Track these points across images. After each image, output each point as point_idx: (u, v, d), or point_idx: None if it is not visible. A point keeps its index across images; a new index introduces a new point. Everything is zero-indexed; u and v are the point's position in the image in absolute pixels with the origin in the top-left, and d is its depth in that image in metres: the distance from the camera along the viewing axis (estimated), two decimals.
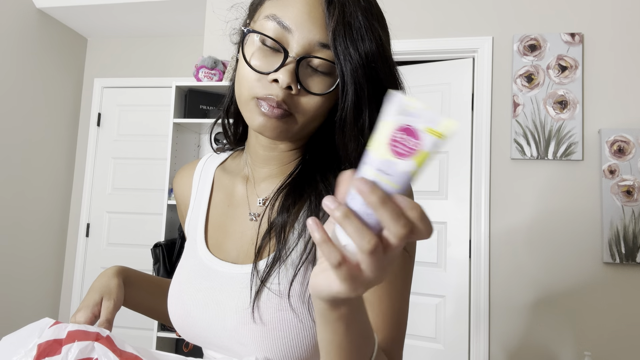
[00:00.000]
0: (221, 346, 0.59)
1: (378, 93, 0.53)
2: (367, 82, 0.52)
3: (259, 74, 0.54)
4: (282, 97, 0.53)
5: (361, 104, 0.53)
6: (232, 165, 0.71)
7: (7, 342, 0.49)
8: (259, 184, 0.65)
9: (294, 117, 0.55)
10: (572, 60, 2.38)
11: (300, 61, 0.52)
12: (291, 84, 0.52)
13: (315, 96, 0.54)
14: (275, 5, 0.54)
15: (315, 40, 0.52)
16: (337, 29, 0.51)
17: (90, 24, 3.41)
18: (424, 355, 2.42)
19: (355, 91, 0.52)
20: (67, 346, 0.47)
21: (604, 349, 2.22)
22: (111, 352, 0.47)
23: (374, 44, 0.52)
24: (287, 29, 0.53)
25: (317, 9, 0.52)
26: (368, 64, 0.52)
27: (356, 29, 0.52)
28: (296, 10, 0.53)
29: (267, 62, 0.54)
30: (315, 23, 0.52)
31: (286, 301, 0.54)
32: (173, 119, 2.55)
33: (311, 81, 0.54)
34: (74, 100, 3.56)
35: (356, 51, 0.51)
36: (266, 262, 0.57)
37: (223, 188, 0.69)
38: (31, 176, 3.18)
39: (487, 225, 2.39)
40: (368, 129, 0.53)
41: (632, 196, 2.24)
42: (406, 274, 0.58)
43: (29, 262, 3.18)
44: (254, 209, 0.64)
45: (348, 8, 0.52)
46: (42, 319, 0.52)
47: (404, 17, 2.61)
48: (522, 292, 2.33)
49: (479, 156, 2.44)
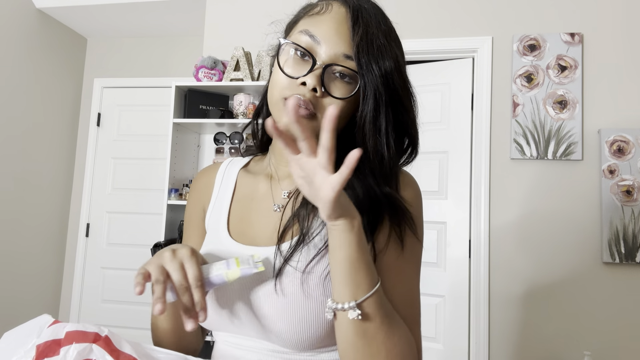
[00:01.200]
0: (238, 325, 0.65)
1: (393, 100, 0.63)
2: (384, 90, 0.62)
3: (290, 78, 0.62)
4: (309, 97, 0.61)
5: (379, 108, 0.62)
6: (254, 167, 0.80)
7: (7, 340, 0.50)
8: (283, 180, 0.73)
9: (317, 118, 0.62)
10: (572, 60, 2.38)
11: (326, 68, 0.61)
12: (316, 87, 0.61)
13: (337, 99, 0.62)
14: (308, 22, 0.64)
15: (340, 52, 0.61)
16: (361, 44, 0.61)
17: (90, 24, 3.41)
18: (424, 355, 2.42)
19: (375, 97, 0.62)
20: (66, 348, 0.47)
21: (604, 348, 2.22)
22: (108, 354, 0.48)
23: (392, 60, 0.63)
24: (317, 42, 0.62)
25: (343, 26, 0.62)
26: (386, 76, 0.62)
27: (377, 46, 0.62)
28: (325, 27, 0.62)
29: (297, 69, 0.63)
30: (342, 38, 0.62)
31: (305, 277, 0.61)
32: (173, 119, 2.55)
33: (334, 86, 0.62)
34: (74, 100, 3.56)
35: (376, 64, 0.61)
36: (290, 244, 0.65)
37: (246, 186, 0.76)
38: (31, 176, 3.18)
39: (486, 225, 2.39)
40: (385, 130, 0.63)
41: (631, 196, 2.24)
42: (416, 260, 0.67)
43: (29, 261, 3.18)
44: (278, 201, 0.71)
45: (371, 28, 0.62)
46: (41, 316, 0.52)
47: (404, 17, 2.61)
48: (522, 292, 2.33)
49: (478, 156, 2.44)
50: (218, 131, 2.71)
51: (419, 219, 0.67)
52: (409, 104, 0.66)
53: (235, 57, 2.54)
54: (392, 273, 0.63)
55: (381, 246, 0.63)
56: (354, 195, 0.63)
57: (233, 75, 2.54)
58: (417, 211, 0.67)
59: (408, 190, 0.68)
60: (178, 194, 2.56)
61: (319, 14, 0.64)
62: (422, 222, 0.69)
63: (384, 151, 0.64)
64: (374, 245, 0.63)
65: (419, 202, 0.69)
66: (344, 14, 0.63)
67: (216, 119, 2.56)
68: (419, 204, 0.69)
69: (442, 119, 2.55)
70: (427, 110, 2.58)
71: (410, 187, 0.69)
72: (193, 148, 2.80)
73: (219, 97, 2.68)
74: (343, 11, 0.63)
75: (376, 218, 0.63)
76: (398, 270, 0.64)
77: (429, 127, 2.56)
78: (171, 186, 2.55)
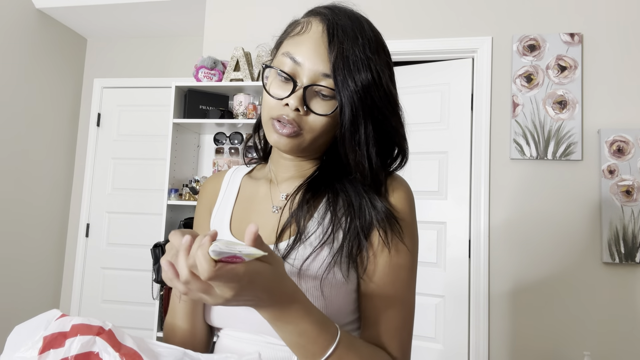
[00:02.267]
0: (241, 320, 0.68)
1: (372, 113, 0.66)
2: (361, 105, 0.65)
3: (276, 99, 0.67)
4: (292, 117, 0.66)
5: (357, 123, 0.65)
6: (257, 174, 0.84)
7: (18, 331, 0.53)
8: (281, 183, 0.77)
9: (302, 135, 0.67)
10: (572, 60, 2.39)
11: (306, 89, 0.65)
12: (299, 107, 0.65)
13: (320, 116, 0.66)
14: (290, 44, 0.68)
15: (319, 71, 0.65)
16: (336, 62, 0.64)
17: (90, 24, 3.42)
18: (424, 355, 2.43)
19: (351, 112, 0.64)
20: (70, 339, 0.50)
21: (604, 349, 2.22)
22: (110, 347, 0.50)
23: (369, 73, 0.65)
24: (298, 63, 0.66)
25: (321, 46, 0.65)
26: (363, 90, 0.64)
27: (352, 62, 0.64)
28: (304, 48, 0.66)
29: (282, 90, 0.67)
30: (320, 57, 0.65)
31: (302, 274, 0.65)
32: (173, 119, 2.55)
33: (316, 104, 0.66)
34: (74, 100, 3.57)
35: (352, 80, 0.64)
36: (287, 242, 0.68)
37: (248, 189, 0.81)
38: (31, 176, 3.18)
39: (486, 225, 2.39)
40: (364, 142, 0.66)
41: (631, 196, 2.25)
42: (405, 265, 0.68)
43: (29, 262, 3.18)
44: (277, 203, 0.75)
45: (346, 45, 0.65)
46: (50, 310, 0.55)
47: (403, 17, 2.62)
48: (522, 292, 2.34)
49: (478, 156, 2.45)
50: (218, 131, 2.72)
51: (409, 225, 0.69)
52: (389, 113, 0.68)
53: (235, 57, 2.54)
54: (382, 279, 0.66)
55: (375, 250, 0.67)
56: (347, 201, 0.68)
57: (233, 76, 2.54)
58: (407, 217, 0.69)
59: (396, 196, 0.70)
60: (178, 194, 2.56)
61: (299, 34, 0.67)
62: (413, 228, 0.70)
63: (364, 163, 0.67)
64: (368, 251, 0.66)
65: (408, 209, 0.70)
66: (321, 32, 0.66)
67: (216, 119, 2.56)
68: (409, 210, 0.70)
69: (441, 119, 2.56)
70: (426, 110, 2.59)
71: (399, 192, 0.70)
72: (193, 148, 2.80)
73: (219, 97, 2.68)
74: (320, 29, 0.66)
75: (367, 224, 0.67)
76: (388, 275, 0.66)
77: (428, 127, 2.57)
78: (171, 186, 2.55)
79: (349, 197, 0.68)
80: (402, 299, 0.67)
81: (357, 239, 0.66)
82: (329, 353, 0.57)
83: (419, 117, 2.57)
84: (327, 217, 0.68)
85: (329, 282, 0.64)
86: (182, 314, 0.73)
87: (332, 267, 0.65)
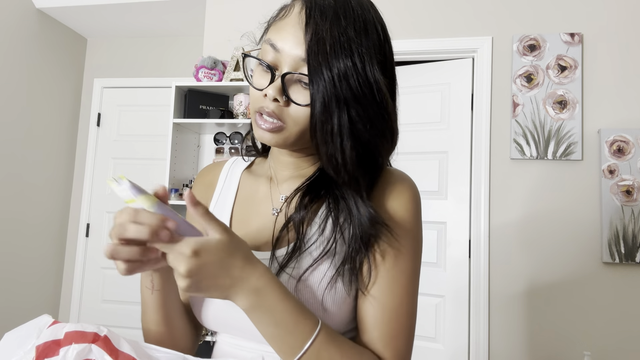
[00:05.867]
0: (240, 328, 0.65)
1: (348, 103, 0.59)
2: (334, 94, 0.58)
3: (257, 90, 0.63)
4: (272, 108, 0.61)
5: (328, 113, 0.59)
6: (257, 169, 0.79)
7: (8, 340, 0.50)
8: (282, 184, 0.73)
9: (286, 128, 0.62)
10: (572, 60, 2.38)
11: (284, 77, 0.60)
12: (277, 97, 0.60)
13: (301, 107, 0.60)
14: (273, 30, 0.63)
15: (298, 57, 0.59)
16: (311, 45, 0.58)
17: (90, 24, 3.41)
18: (424, 355, 2.42)
19: (322, 102, 0.58)
20: (65, 348, 0.48)
21: (604, 348, 2.22)
22: (107, 354, 0.48)
23: (348, 59, 0.58)
24: (278, 50, 0.61)
25: (299, 28, 0.60)
26: (338, 78, 0.58)
27: (330, 45, 0.58)
28: (284, 33, 0.61)
29: (263, 80, 0.62)
30: (298, 42, 0.59)
31: (301, 285, 0.61)
32: (173, 119, 2.55)
33: (297, 93, 0.61)
34: (74, 100, 3.56)
35: (327, 66, 0.57)
36: (286, 250, 0.64)
37: (248, 187, 0.77)
38: (31, 176, 3.18)
39: (486, 225, 2.39)
40: (337, 133, 0.59)
41: (631, 196, 2.24)
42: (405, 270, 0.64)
43: (29, 262, 3.18)
44: (277, 205, 0.71)
45: (323, 26, 0.58)
46: (41, 316, 0.53)
47: (404, 17, 2.62)
48: (522, 292, 2.33)
49: (478, 156, 2.44)
50: (218, 131, 2.71)
51: (411, 227, 0.65)
52: (369, 103, 0.60)
53: (235, 57, 2.54)
54: (379, 285, 0.62)
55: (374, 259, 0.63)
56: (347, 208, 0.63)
57: (233, 75, 2.54)
58: (410, 219, 0.65)
59: (397, 195, 0.66)
60: (178, 194, 2.56)
61: (281, 19, 0.63)
62: (415, 231, 0.66)
63: (337, 156, 0.60)
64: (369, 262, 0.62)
65: (411, 210, 0.66)
66: (298, 13, 0.61)
67: (216, 119, 2.56)
68: (412, 212, 0.66)
69: (442, 119, 2.55)
70: (427, 111, 2.58)
71: (401, 191, 0.66)
72: (193, 148, 2.80)
73: (219, 97, 2.68)
74: (298, 11, 0.61)
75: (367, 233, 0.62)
76: (385, 281, 0.63)
77: (428, 127, 2.56)
78: (171, 186, 2.55)
79: (349, 204, 0.63)
80: (399, 305, 0.63)
81: (359, 251, 0.61)
82: (307, 346, 0.55)
83: (419, 117, 2.56)
84: (328, 225, 0.64)
85: (331, 297, 0.61)
86: (155, 320, 0.67)
87: (335, 282, 0.61)
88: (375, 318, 0.62)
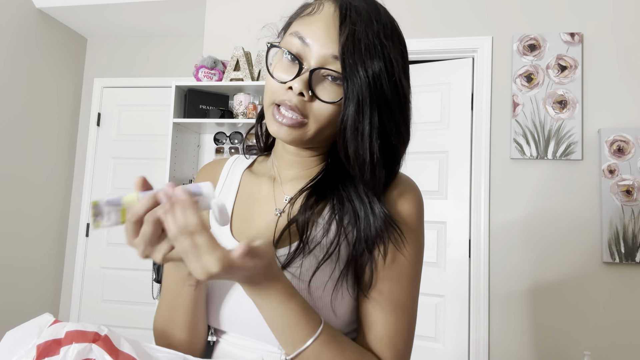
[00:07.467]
0: (245, 326, 0.65)
1: (379, 104, 0.60)
2: (369, 94, 0.59)
3: (279, 83, 0.61)
4: (295, 102, 0.60)
5: (362, 113, 0.59)
6: (259, 168, 0.78)
7: (9, 339, 0.50)
8: (286, 184, 0.72)
9: (306, 124, 0.62)
10: (572, 60, 2.38)
11: (313, 72, 0.59)
12: (303, 91, 0.59)
13: (325, 104, 0.60)
14: (299, 24, 0.63)
15: (329, 54, 0.59)
16: (346, 44, 0.58)
17: (90, 24, 3.41)
18: (424, 355, 2.42)
19: (357, 101, 0.59)
20: (66, 347, 0.48)
21: (604, 348, 2.22)
22: (107, 354, 0.48)
23: (381, 61, 0.59)
24: (306, 44, 0.60)
25: (332, 27, 0.60)
26: (373, 78, 0.59)
27: (365, 45, 0.59)
28: (315, 28, 0.60)
29: (287, 73, 0.61)
30: (330, 39, 0.60)
31: (305, 285, 0.61)
32: (173, 119, 2.55)
33: (323, 89, 0.61)
34: (74, 100, 3.56)
35: (362, 65, 0.58)
36: (288, 249, 0.64)
37: (250, 186, 0.75)
38: (31, 176, 3.18)
39: (486, 225, 2.39)
40: (368, 134, 0.60)
41: (631, 196, 2.24)
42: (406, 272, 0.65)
43: (29, 262, 3.18)
44: (280, 205, 0.71)
45: (359, 27, 0.59)
46: (42, 315, 0.52)
47: (404, 17, 2.60)
48: (522, 292, 2.33)
49: (478, 156, 2.44)
50: (218, 131, 2.71)
51: (415, 231, 0.66)
52: (396, 107, 0.62)
53: (235, 57, 2.54)
54: (381, 286, 0.63)
55: (376, 259, 0.63)
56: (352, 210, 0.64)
57: (233, 75, 2.54)
58: (414, 222, 0.66)
59: (405, 199, 0.66)
60: None
61: (310, 15, 0.62)
62: (419, 235, 0.67)
63: (366, 156, 0.61)
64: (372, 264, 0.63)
65: (416, 214, 0.67)
66: (333, 12, 0.61)
67: (216, 119, 2.56)
68: (417, 216, 0.67)
69: (442, 119, 2.55)
70: (427, 110, 2.58)
71: (409, 196, 0.67)
72: (193, 148, 2.80)
73: (219, 97, 2.68)
74: (332, 10, 0.61)
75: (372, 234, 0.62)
76: (387, 283, 0.63)
77: (428, 127, 2.56)
78: None
79: (354, 206, 0.63)
80: (400, 307, 0.63)
81: (364, 254, 0.62)
82: (308, 344, 0.55)
83: (419, 116, 2.50)
84: (332, 227, 0.64)
85: (334, 298, 0.62)
86: (182, 324, 0.66)
87: (337, 284, 0.61)
88: (376, 319, 0.63)
